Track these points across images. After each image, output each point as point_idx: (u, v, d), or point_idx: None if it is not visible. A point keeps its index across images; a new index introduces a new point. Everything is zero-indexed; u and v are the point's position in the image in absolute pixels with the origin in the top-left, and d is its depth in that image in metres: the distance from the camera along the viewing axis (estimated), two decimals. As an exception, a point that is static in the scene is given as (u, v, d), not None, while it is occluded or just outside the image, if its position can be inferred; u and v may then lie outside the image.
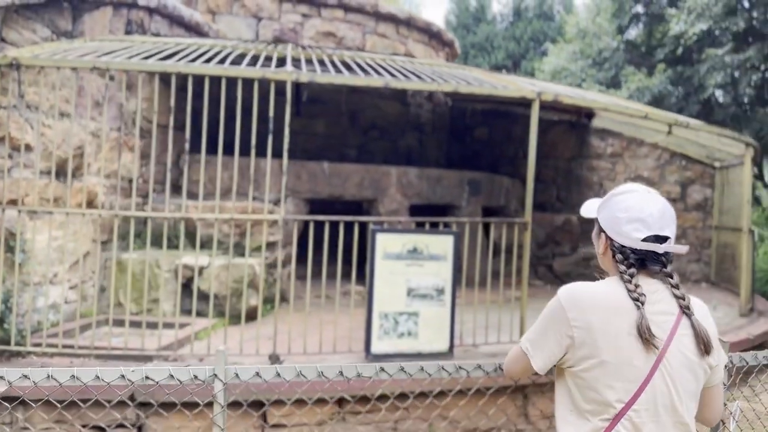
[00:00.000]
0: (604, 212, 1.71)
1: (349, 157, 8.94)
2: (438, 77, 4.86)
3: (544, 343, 1.64)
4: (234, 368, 1.65)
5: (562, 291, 1.65)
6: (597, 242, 1.76)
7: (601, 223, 1.71)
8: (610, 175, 10.49)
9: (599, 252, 1.75)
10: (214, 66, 4.29)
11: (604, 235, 1.70)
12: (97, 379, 1.59)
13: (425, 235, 4.55)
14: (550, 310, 1.65)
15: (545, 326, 1.65)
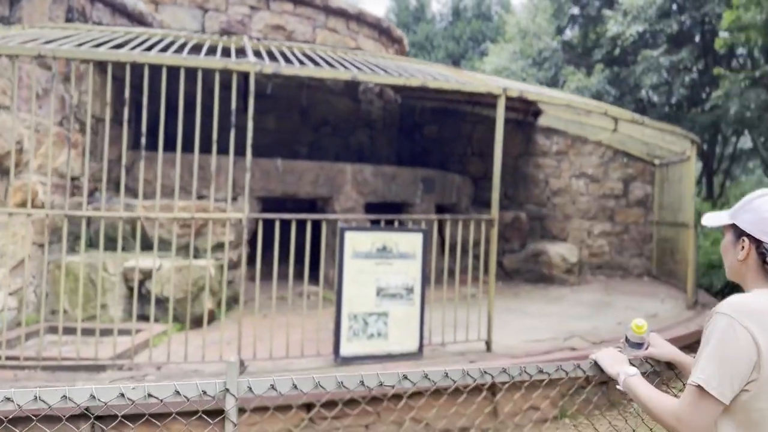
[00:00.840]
0: (746, 216, 1.62)
1: (300, 154, 8.73)
2: (403, 71, 4.75)
3: (723, 372, 1.46)
4: (246, 381, 1.49)
5: (729, 308, 1.49)
6: (733, 250, 1.65)
7: (743, 227, 1.61)
8: (555, 172, 10.70)
9: (737, 259, 1.63)
10: (172, 55, 4.04)
11: (748, 240, 1.60)
12: (93, 398, 1.39)
13: (395, 233, 4.44)
14: (721, 331, 1.46)
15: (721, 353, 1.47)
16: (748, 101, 12.55)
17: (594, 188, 10.59)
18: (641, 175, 10.58)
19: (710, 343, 1.48)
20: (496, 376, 1.83)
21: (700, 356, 1.51)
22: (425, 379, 1.66)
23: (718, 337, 1.47)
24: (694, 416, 1.48)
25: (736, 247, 1.64)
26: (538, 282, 9.15)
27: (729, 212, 1.68)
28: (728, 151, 17.71)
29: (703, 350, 1.50)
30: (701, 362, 1.49)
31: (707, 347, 1.49)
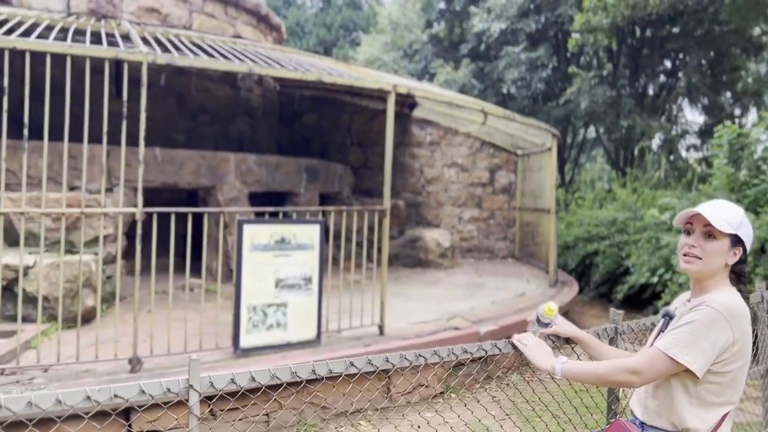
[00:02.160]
0: (746, 230, 1.94)
1: (177, 143, 8.45)
2: (297, 65, 4.82)
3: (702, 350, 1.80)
4: (208, 376, 1.56)
5: (721, 306, 1.82)
6: (725, 255, 1.92)
7: (744, 239, 1.92)
8: (429, 162, 11.21)
9: (726, 263, 1.93)
10: (57, 43, 3.81)
11: (742, 249, 1.93)
12: (59, 403, 1.40)
13: (293, 225, 4.53)
14: (710, 321, 1.81)
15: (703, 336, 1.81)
16: (597, 96, 13.90)
17: (464, 177, 11.24)
18: (506, 165, 11.38)
19: (693, 324, 1.82)
20: (397, 363, 2.01)
21: (677, 329, 1.85)
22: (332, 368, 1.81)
23: (704, 324, 1.81)
24: (650, 371, 1.85)
25: (730, 252, 1.93)
26: (415, 266, 9.60)
27: (727, 221, 1.92)
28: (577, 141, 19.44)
29: (681, 327, 1.85)
30: (677, 334, 1.84)
31: (688, 326, 1.83)
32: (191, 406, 1.52)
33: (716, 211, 1.95)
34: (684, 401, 1.87)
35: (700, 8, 13.35)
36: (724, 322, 1.81)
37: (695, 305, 1.89)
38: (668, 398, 1.90)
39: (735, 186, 7.73)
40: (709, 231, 1.91)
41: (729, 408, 1.89)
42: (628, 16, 12.72)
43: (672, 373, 1.86)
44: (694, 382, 1.85)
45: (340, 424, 4.47)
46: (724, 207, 1.97)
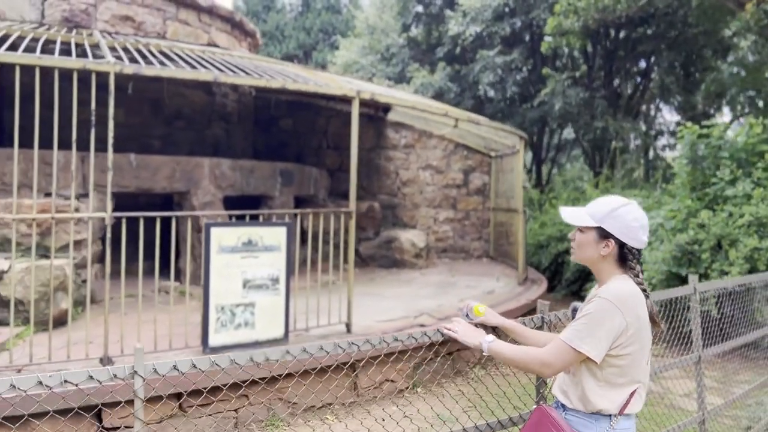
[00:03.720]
0: (613, 222, 2.03)
1: (153, 148, 8.57)
2: (263, 72, 4.99)
3: (598, 338, 1.95)
4: (152, 363, 1.73)
5: (611, 296, 1.97)
6: (595, 246, 2.06)
7: (611, 231, 2.03)
8: (404, 164, 11.42)
9: (599, 254, 2.06)
10: (26, 54, 3.95)
11: (614, 241, 2.04)
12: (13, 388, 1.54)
13: (260, 227, 4.69)
14: (603, 311, 1.96)
15: (598, 326, 1.96)
16: (570, 98, 14.18)
17: (438, 179, 11.45)
18: (479, 166, 11.61)
19: (589, 316, 1.97)
20: (361, 345, 2.21)
21: (577, 321, 2.00)
22: (304, 353, 1.99)
23: (598, 315, 1.96)
24: (558, 362, 2.00)
25: (599, 245, 2.07)
26: (391, 267, 9.79)
27: (591, 214, 2.08)
28: (554, 141, 19.76)
29: (580, 319, 2.00)
30: (577, 326, 1.99)
31: (586, 317, 1.98)
32: (136, 390, 1.68)
33: (588, 206, 2.11)
34: (593, 385, 2.03)
35: (670, 11, 13.70)
36: (615, 310, 1.96)
37: (591, 297, 2.06)
38: (580, 384, 2.06)
39: (696, 185, 8.00)
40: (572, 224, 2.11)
41: (635, 386, 2.05)
42: (599, 20, 13.02)
43: (578, 361, 2.01)
44: (598, 367, 2.00)
45: (308, 418, 4.63)
46: (599, 201, 2.11)
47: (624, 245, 2.06)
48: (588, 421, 2.05)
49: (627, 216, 2.04)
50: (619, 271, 2.08)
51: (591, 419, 2.05)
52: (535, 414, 2.13)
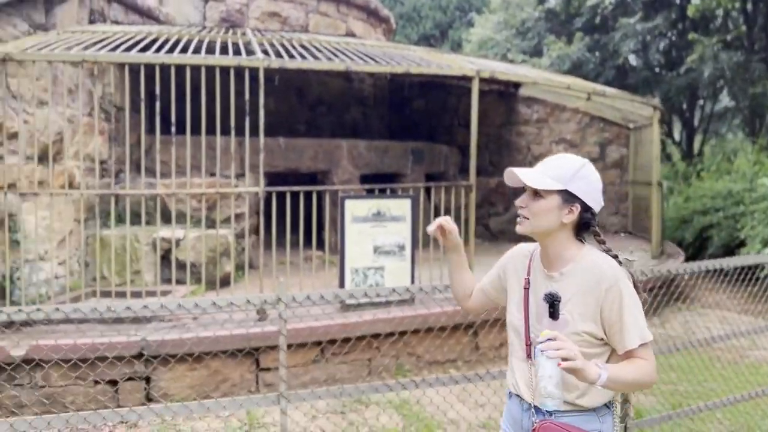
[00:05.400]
0: (580, 183, 1.77)
1: (299, 132, 9.45)
2: (390, 59, 5.48)
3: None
4: (291, 294, 2.28)
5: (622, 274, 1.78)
6: (558, 213, 1.78)
7: (578, 194, 1.77)
8: (536, 139, 11.45)
9: (561, 222, 1.79)
10: (193, 56, 4.76)
11: (579, 205, 1.78)
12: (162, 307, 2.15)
13: (387, 199, 5.23)
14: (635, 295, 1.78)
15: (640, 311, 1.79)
16: (722, 63, 13.25)
17: (573, 153, 11.31)
18: (617, 139, 11.33)
19: (631, 304, 1.75)
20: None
21: (632, 318, 1.75)
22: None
23: (633, 298, 1.76)
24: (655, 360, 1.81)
25: (563, 210, 1.78)
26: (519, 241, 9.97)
27: (555, 177, 1.78)
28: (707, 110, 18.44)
29: (630, 312, 1.75)
30: (638, 322, 1.75)
31: (632, 309, 1.75)
32: (280, 312, 2.24)
33: (543, 167, 1.83)
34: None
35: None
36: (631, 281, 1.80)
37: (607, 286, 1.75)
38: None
39: None
40: (536, 189, 1.79)
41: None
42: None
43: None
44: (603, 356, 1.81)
45: (432, 371, 5.13)
46: (557, 161, 1.83)
47: (588, 209, 1.81)
48: (588, 416, 1.82)
49: (592, 176, 1.81)
50: (576, 241, 1.84)
51: (590, 413, 1.82)
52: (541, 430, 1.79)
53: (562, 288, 1.80)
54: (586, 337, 1.77)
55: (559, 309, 1.78)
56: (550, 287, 1.81)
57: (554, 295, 1.80)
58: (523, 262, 1.97)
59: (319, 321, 4.84)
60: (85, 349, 4.17)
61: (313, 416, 4.37)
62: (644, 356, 1.76)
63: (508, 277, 2.01)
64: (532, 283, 1.88)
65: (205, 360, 4.61)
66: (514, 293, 1.96)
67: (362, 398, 4.63)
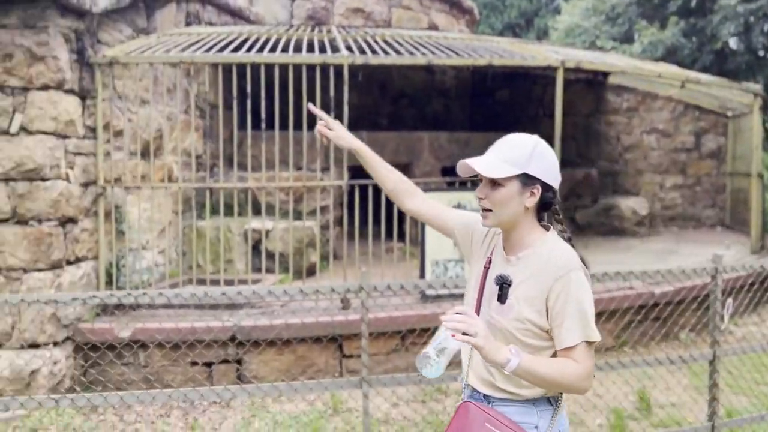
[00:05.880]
0: (540, 163, 1.68)
1: (381, 126, 9.60)
2: (472, 51, 5.48)
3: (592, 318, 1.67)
4: (373, 283, 2.38)
5: (576, 263, 1.67)
6: (519, 199, 1.69)
7: (537, 175, 1.68)
8: (626, 128, 11.04)
9: (524, 207, 1.70)
10: (281, 55, 4.98)
11: (540, 186, 1.69)
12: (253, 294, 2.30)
13: (467, 192, 5.25)
14: (585, 287, 1.66)
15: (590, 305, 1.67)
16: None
17: (665, 143, 10.88)
18: (714, 128, 10.76)
19: (580, 298, 1.62)
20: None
21: (577, 313, 1.61)
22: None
23: (582, 292, 1.63)
24: (592, 366, 1.64)
25: (524, 194, 1.69)
26: (609, 235, 9.70)
27: (511, 161, 1.69)
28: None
29: (576, 306, 1.61)
30: (584, 319, 1.61)
31: (579, 303, 1.61)
32: (362, 300, 2.34)
33: (495, 152, 1.73)
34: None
35: None
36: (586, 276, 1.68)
37: (553, 274, 1.65)
38: None
39: None
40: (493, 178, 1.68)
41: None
42: None
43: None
44: (547, 348, 1.71)
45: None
46: (509, 144, 1.73)
47: (550, 188, 1.71)
48: (525, 407, 1.73)
49: (547, 153, 1.71)
50: (538, 225, 1.75)
51: (529, 405, 1.73)
52: (461, 411, 1.73)
53: (516, 272, 1.71)
54: (530, 325, 1.67)
55: (508, 293, 1.70)
56: (506, 270, 1.73)
57: (504, 278, 1.72)
58: (489, 239, 1.87)
59: (400, 311, 4.95)
60: (185, 332, 4.48)
61: (395, 403, 4.49)
62: (579, 358, 1.62)
63: (474, 242, 1.90)
64: (492, 264, 1.79)
65: (292, 345, 4.82)
66: (474, 269, 1.88)
67: (442, 387, 4.70)
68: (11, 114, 4.46)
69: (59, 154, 4.57)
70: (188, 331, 4.50)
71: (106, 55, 4.84)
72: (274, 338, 4.53)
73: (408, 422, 4.19)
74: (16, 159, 4.43)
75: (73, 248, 4.78)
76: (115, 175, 5.21)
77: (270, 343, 4.62)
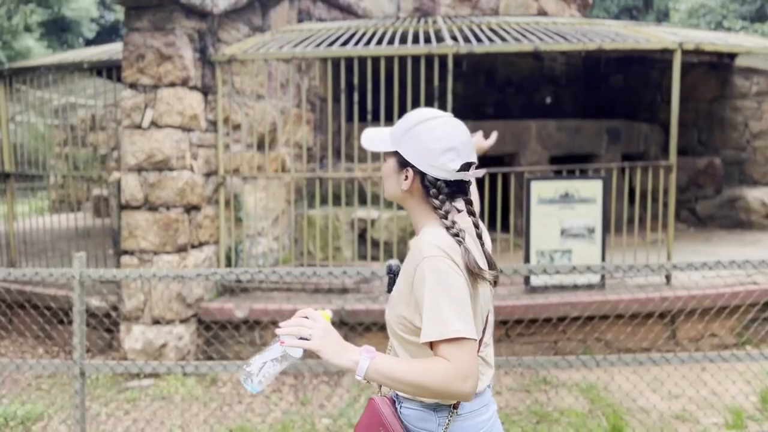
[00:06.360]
0: (410, 144, 1.53)
1: (487, 115, 9.51)
2: (582, 36, 5.32)
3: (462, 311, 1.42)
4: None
5: (432, 251, 1.45)
6: (396, 179, 1.57)
7: (407, 157, 1.53)
8: (756, 114, 10.21)
9: (401, 189, 1.56)
10: (387, 47, 5.08)
11: (412, 171, 1.53)
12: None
13: (575, 180, 5.12)
14: (450, 278, 1.43)
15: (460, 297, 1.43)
16: None
17: (802, 129, 9.96)
18: None
19: (436, 290, 1.42)
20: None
21: (435, 306, 1.41)
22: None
23: (441, 283, 1.43)
24: (469, 364, 1.40)
25: (400, 176, 1.57)
26: (734, 228, 9.06)
27: (391, 134, 1.58)
28: None
29: (432, 299, 1.42)
30: (440, 313, 1.41)
31: (435, 295, 1.41)
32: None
33: (391, 127, 1.61)
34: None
35: None
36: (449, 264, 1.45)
37: (414, 263, 1.48)
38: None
39: None
40: (366, 148, 1.61)
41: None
42: None
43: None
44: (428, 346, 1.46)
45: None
46: (404, 118, 1.59)
47: (425, 176, 1.53)
48: (426, 413, 1.56)
49: (426, 134, 1.51)
50: (431, 211, 1.56)
51: (429, 410, 1.56)
52: (367, 408, 1.62)
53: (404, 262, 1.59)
54: (403, 320, 1.52)
55: (394, 284, 1.60)
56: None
57: (390, 267, 1.64)
58: None
59: (505, 300, 4.93)
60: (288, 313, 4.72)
61: (497, 391, 4.49)
62: (448, 356, 1.40)
63: None
64: None
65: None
66: None
67: (547, 378, 4.64)
68: (143, 110, 4.88)
69: (184, 146, 4.96)
70: (291, 312, 4.72)
71: (225, 53, 5.17)
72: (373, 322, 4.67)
73: (512, 410, 4.19)
74: (147, 151, 4.86)
75: (197, 233, 5.16)
76: (234, 165, 5.55)
77: (368, 327, 4.76)
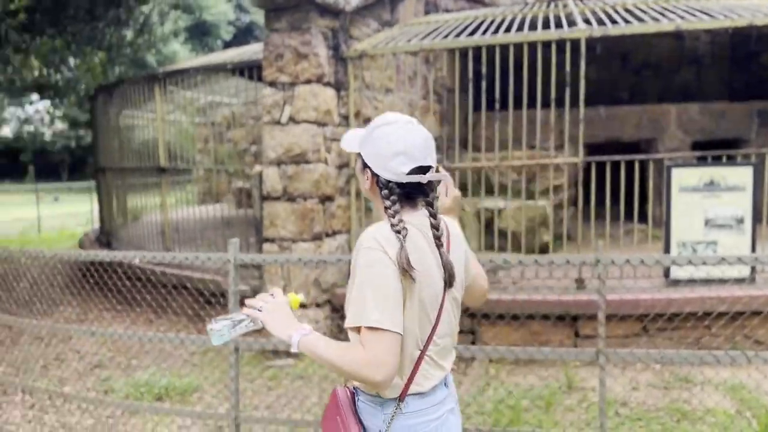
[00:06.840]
0: (368, 147, 1.63)
1: (621, 100, 9.07)
2: (728, 12, 4.94)
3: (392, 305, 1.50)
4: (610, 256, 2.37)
5: (374, 243, 1.53)
6: (362, 178, 1.68)
7: (365, 159, 1.64)
8: None
9: (365, 188, 1.68)
10: (516, 34, 5.02)
11: (370, 171, 1.64)
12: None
13: (722, 167, 4.78)
14: (378, 269, 1.51)
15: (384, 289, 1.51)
16: None
17: None
18: None
19: (364, 280, 1.51)
20: None
21: (360, 295, 1.51)
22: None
23: (369, 273, 1.51)
24: (382, 353, 1.47)
25: (363, 175, 1.67)
26: None
27: (360, 138, 1.69)
28: None
29: (358, 287, 1.52)
30: (362, 302, 1.50)
31: (361, 285, 1.51)
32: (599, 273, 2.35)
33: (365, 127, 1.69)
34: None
35: None
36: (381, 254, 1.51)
37: (354, 252, 1.60)
38: None
39: None
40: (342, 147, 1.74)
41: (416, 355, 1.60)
42: None
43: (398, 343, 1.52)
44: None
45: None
46: (373, 120, 1.67)
47: (379, 178, 1.61)
48: (373, 407, 1.62)
49: (381, 139, 1.60)
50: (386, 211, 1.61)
51: (376, 405, 1.62)
52: (330, 396, 1.71)
53: None
54: (347, 306, 1.60)
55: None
56: None
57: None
58: None
59: (646, 293, 4.73)
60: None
61: (633, 387, 4.33)
62: (364, 342, 1.48)
63: None
64: None
65: (523, 321, 4.90)
66: None
67: (689, 376, 4.40)
68: (282, 106, 5.19)
69: (319, 140, 5.21)
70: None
71: (356, 49, 5.36)
72: (504, 312, 4.65)
73: (650, 407, 4.02)
74: (286, 145, 5.16)
75: (330, 222, 5.41)
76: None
77: (500, 317, 4.76)
